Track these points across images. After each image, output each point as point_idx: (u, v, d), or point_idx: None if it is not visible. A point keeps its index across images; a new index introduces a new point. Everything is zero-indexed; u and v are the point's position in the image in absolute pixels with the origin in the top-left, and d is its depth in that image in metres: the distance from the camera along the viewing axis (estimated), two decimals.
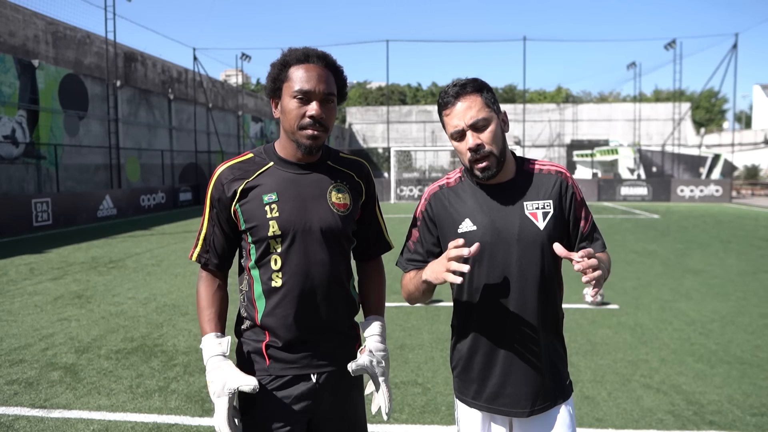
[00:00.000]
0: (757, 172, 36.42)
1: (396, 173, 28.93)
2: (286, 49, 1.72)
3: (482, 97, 1.70)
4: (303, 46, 1.70)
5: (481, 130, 1.68)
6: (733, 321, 5.98)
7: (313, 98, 1.65)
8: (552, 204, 1.76)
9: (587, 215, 1.82)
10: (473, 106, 1.68)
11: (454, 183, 1.85)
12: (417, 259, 1.87)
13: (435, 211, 1.83)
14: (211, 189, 1.73)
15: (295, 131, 1.67)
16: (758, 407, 3.83)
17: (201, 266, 1.80)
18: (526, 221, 1.74)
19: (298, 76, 1.66)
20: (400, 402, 3.96)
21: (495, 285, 1.74)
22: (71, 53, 19.96)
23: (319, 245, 1.70)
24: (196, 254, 1.79)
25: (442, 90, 1.75)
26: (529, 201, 1.76)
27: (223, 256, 1.78)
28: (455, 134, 1.71)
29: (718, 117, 61.42)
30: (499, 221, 1.74)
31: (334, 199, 1.74)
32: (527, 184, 1.78)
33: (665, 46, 35.16)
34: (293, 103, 1.66)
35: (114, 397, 4.06)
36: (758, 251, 10.95)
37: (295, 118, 1.66)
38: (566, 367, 1.86)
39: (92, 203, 17.71)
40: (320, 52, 1.70)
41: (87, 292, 7.54)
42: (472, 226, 1.74)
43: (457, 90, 1.70)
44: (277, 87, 1.69)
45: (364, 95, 71.18)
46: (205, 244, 1.77)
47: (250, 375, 1.70)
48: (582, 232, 1.80)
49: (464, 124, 1.68)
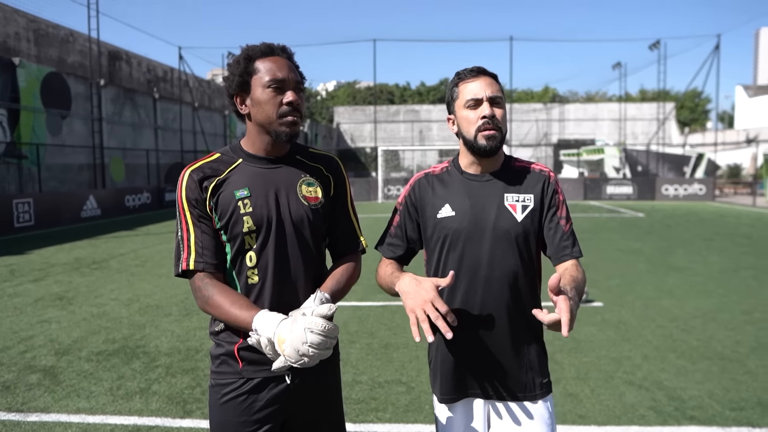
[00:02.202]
0: (739, 171, 36.85)
1: (384, 173, 28.91)
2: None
3: (499, 84, 1.81)
4: (262, 43, 1.70)
5: (496, 106, 1.76)
6: (714, 317, 6.04)
7: (287, 87, 1.66)
8: (533, 199, 1.79)
9: (568, 218, 1.82)
10: (494, 85, 1.78)
11: (440, 171, 1.91)
12: (397, 244, 1.91)
13: (418, 197, 1.88)
14: (185, 191, 1.67)
15: (274, 121, 1.66)
16: (737, 402, 3.87)
17: (198, 273, 1.65)
18: (503, 212, 1.77)
19: (267, 67, 1.65)
20: (384, 401, 3.94)
21: (467, 273, 1.76)
22: (54, 51, 19.71)
23: (292, 239, 1.69)
24: (193, 261, 1.64)
25: (458, 70, 1.83)
26: (510, 193, 1.79)
27: (219, 256, 1.68)
28: (471, 102, 1.76)
29: (701, 117, 62.07)
30: (477, 209, 1.78)
31: (305, 192, 1.73)
32: (511, 178, 1.82)
33: (650, 47, 35.51)
34: (268, 93, 1.64)
35: (94, 399, 4.01)
36: (739, 249, 11.08)
37: (273, 107, 1.65)
38: (545, 364, 1.85)
39: (76, 203, 17.50)
40: (281, 45, 1.71)
41: (69, 293, 7.44)
42: (451, 211, 1.80)
43: (480, 68, 1.80)
44: (245, 81, 1.67)
45: (352, 95, 71.08)
46: (198, 247, 1.66)
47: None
48: (564, 231, 1.79)
49: (485, 94, 1.75)
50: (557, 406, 3.82)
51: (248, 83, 1.67)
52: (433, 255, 1.85)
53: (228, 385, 1.67)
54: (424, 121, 51.59)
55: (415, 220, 1.89)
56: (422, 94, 72.77)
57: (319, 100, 69.90)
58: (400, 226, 1.91)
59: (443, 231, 1.80)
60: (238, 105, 1.71)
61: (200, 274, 1.66)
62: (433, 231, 1.83)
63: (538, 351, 1.83)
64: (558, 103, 52.93)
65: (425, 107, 53.71)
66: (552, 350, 4.92)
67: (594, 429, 3.51)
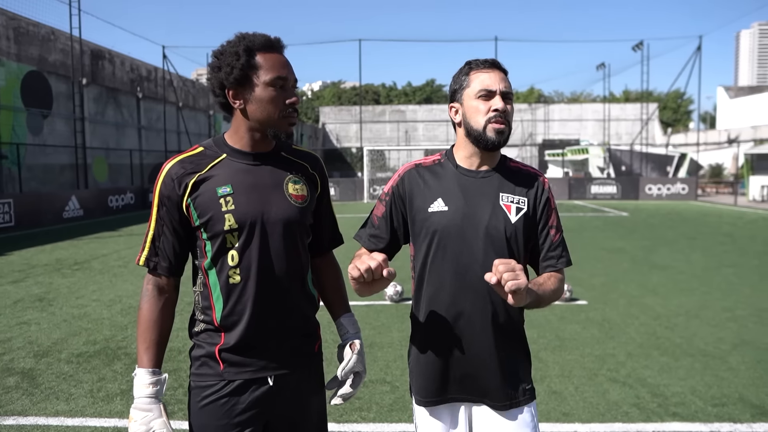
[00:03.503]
0: (721, 170, 37.31)
1: (369, 173, 28.87)
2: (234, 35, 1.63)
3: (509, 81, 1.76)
4: (255, 33, 1.62)
5: (507, 102, 1.71)
6: (697, 315, 6.09)
7: (289, 86, 1.62)
8: (527, 203, 1.74)
9: (559, 226, 1.79)
10: (506, 80, 1.73)
11: (431, 164, 1.82)
12: (380, 236, 1.82)
13: (407, 188, 1.79)
14: (160, 186, 1.62)
15: (276, 120, 1.62)
16: (719, 398, 3.90)
17: (149, 271, 1.66)
18: (498, 211, 1.71)
19: (270, 63, 1.59)
20: (368, 400, 3.92)
21: (458, 272, 1.70)
22: (35, 50, 19.42)
23: (278, 238, 1.64)
24: (144, 258, 1.65)
25: (470, 60, 1.77)
26: (505, 193, 1.74)
27: (174, 259, 1.65)
28: (484, 92, 1.70)
29: (684, 117, 62.82)
30: (471, 206, 1.71)
31: (291, 190, 1.68)
32: (506, 177, 1.77)
33: (633, 48, 35.83)
34: (270, 91, 1.59)
35: (73, 402, 3.94)
36: (721, 247, 11.21)
37: (276, 106, 1.60)
38: (529, 370, 1.80)
39: (57, 204, 17.26)
40: (278, 39, 1.65)
41: (49, 294, 7.32)
42: (444, 206, 1.71)
43: (494, 61, 1.74)
44: (245, 75, 1.59)
45: (337, 95, 70.95)
46: (153, 246, 1.64)
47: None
48: (553, 241, 1.76)
49: (498, 88, 1.70)
50: (541, 404, 3.82)
51: (249, 77, 1.59)
52: (420, 250, 1.77)
53: (208, 388, 1.63)
54: (410, 121, 51.65)
55: (401, 212, 1.80)
56: (408, 95, 72.86)
57: (305, 100, 69.64)
58: (384, 217, 1.81)
59: (433, 226, 1.72)
60: (230, 98, 1.62)
61: (148, 276, 1.67)
62: (422, 225, 1.74)
63: (523, 356, 1.79)
64: (543, 104, 53.30)
65: (411, 107, 53.78)
66: (536, 348, 4.95)
67: (578, 426, 3.52)
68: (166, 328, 1.66)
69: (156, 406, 1.56)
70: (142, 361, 1.60)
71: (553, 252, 1.75)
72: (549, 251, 1.75)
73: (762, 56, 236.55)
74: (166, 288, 1.66)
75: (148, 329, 1.62)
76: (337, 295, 1.87)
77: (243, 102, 1.61)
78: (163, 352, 1.66)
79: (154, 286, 1.65)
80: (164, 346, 1.66)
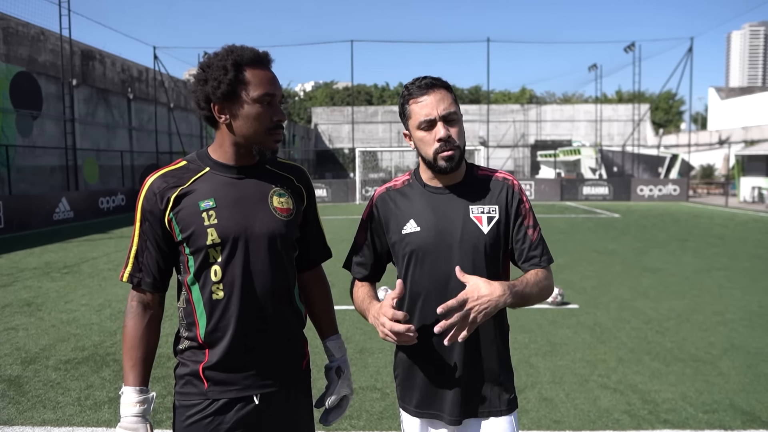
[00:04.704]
0: (712, 171, 37.52)
1: (362, 174, 28.84)
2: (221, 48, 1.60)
3: (452, 94, 1.72)
4: (243, 46, 1.60)
5: (451, 124, 1.68)
6: (688, 318, 6.10)
7: (276, 102, 1.60)
8: (498, 210, 1.75)
9: (535, 225, 1.78)
10: (446, 99, 1.69)
11: (401, 185, 1.85)
12: (365, 263, 1.88)
13: (382, 213, 1.82)
14: (142, 201, 1.60)
15: (262, 136, 1.59)
16: (710, 404, 3.90)
17: (133, 287, 1.64)
18: (469, 224, 1.72)
19: (258, 79, 1.57)
20: (358, 408, 3.90)
21: (435, 288, 1.71)
22: (24, 50, 19.25)
23: (262, 253, 1.61)
24: (127, 274, 1.63)
25: (408, 83, 1.73)
26: (474, 205, 1.74)
27: (158, 274, 1.63)
28: (424, 123, 1.68)
29: (675, 118, 63.12)
30: (442, 223, 1.73)
31: (276, 203, 1.65)
32: (474, 189, 1.77)
33: (625, 49, 36.00)
34: (257, 108, 1.57)
35: (60, 410, 3.89)
36: (712, 249, 11.26)
37: (262, 123, 1.58)
38: (511, 379, 1.81)
39: (47, 206, 17.12)
40: (266, 53, 1.62)
41: (38, 299, 7.25)
42: (416, 227, 1.74)
43: (429, 81, 1.70)
44: (233, 90, 1.56)
45: (330, 95, 70.86)
46: (137, 262, 1.62)
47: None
48: (532, 241, 1.75)
49: (437, 113, 1.67)
50: (532, 411, 3.81)
51: (236, 93, 1.56)
52: (401, 271, 1.80)
53: (192, 407, 1.61)
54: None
55: (382, 238, 1.84)
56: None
57: (297, 101, 69.53)
58: (367, 244, 1.86)
59: (409, 246, 1.74)
60: (216, 113, 1.59)
61: (133, 292, 1.65)
62: (399, 247, 1.77)
63: (505, 367, 1.79)
64: (535, 104, 53.43)
65: None
66: (528, 353, 4.94)
67: None
68: (152, 344, 1.65)
69: (143, 425, 1.55)
70: (128, 380, 1.59)
71: (534, 251, 1.75)
72: (530, 251, 1.75)
73: (753, 57, 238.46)
74: (151, 304, 1.64)
75: (134, 347, 1.61)
76: (325, 316, 1.88)
77: (229, 117, 1.59)
78: (150, 369, 1.65)
79: (139, 302, 1.64)
80: (151, 363, 1.65)
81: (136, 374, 1.59)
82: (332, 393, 1.79)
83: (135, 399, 1.56)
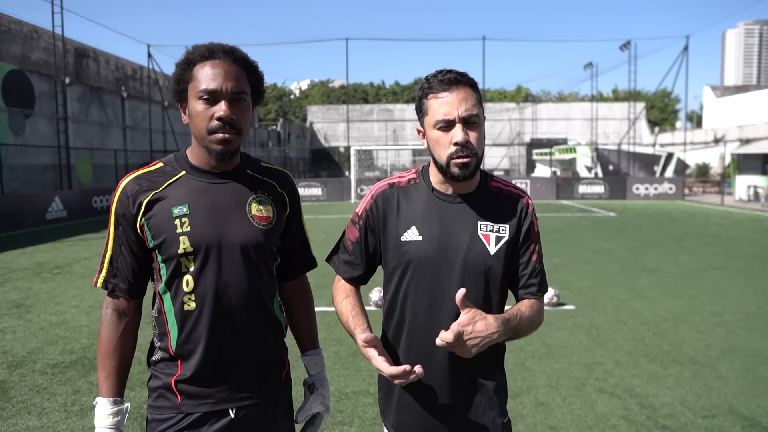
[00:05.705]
0: (707, 170, 37.58)
1: (357, 172, 28.75)
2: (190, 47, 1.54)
3: (477, 94, 1.55)
4: (209, 42, 1.52)
5: (471, 127, 1.52)
6: (685, 320, 6.04)
7: (220, 98, 1.48)
8: (508, 230, 1.60)
9: (540, 251, 1.67)
10: (469, 99, 1.51)
11: (406, 184, 1.66)
12: (355, 263, 1.69)
13: (380, 212, 1.64)
14: (116, 204, 1.53)
15: (204, 136, 1.50)
16: (709, 409, 3.83)
17: (108, 294, 1.57)
18: (476, 242, 1.57)
19: (203, 74, 1.48)
20: (350, 414, 3.81)
21: (428, 307, 1.58)
22: (16, 48, 19.11)
23: (237, 262, 1.52)
24: (101, 280, 1.56)
25: (430, 74, 1.55)
26: (484, 221, 1.59)
27: (134, 279, 1.56)
28: (442, 123, 1.51)
29: (671, 117, 63.26)
30: (447, 236, 1.57)
31: (255, 211, 1.56)
32: (486, 202, 1.61)
33: (620, 47, 36.03)
34: (199, 105, 1.48)
35: (45, 416, 3.80)
36: (709, 248, 11.22)
37: (203, 121, 1.49)
38: (505, 402, 1.69)
39: (40, 205, 16.96)
40: (227, 47, 1.52)
41: (27, 300, 7.14)
42: (418, 235, 1.58)
43: (454, 77, 1.52)
44: (182, 89, 1.51)
45: (326, 94, 70.72)
46: (112, 267, 1.55)
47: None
48: (534, 268, 1.63)
49: (457, 114, 1.50)
50: (528, 417, 3.74)
51: (185, 91, 1.51)
52: (392, 279, 1.65)
53: (165, 421, 1.53)
54: (397, 121, 51.55)
55: (376, 238, 1.66)
56: (396, 93, 72.77)
57: (293, 99, 69.36)
58: (359, 242, 1.67)
59: (407, 256, 1.59)
60: (181, 113, 1.56)
61: (108, 299, 1.58)
62: (395, 254, 1.61)
63: (499, 389, 1.66)
64: (531, 103, 53.45)
65: (399, 106, 53.68)
66: (523, 356, 4.87)
67: None
68: (128, 354, 1.58)
69: None
70: (102, 390, 1.53)
71: (533, 279, 1.63)
72: (530, 278, 1.63)
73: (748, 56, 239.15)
74: (126, 311, 1.57)
75: (108, 356, 1.54)
76: (304, 330, 1.81)
77: (187, 117, 1.55)
78: (125, 379, 1.58)
79: (114, 309, 1.57)
80: (126, 374, 1.58)
81: (110, 385, 1.53)
82: (302, 410, 1.73)
83: (108, 411, 1.51)
